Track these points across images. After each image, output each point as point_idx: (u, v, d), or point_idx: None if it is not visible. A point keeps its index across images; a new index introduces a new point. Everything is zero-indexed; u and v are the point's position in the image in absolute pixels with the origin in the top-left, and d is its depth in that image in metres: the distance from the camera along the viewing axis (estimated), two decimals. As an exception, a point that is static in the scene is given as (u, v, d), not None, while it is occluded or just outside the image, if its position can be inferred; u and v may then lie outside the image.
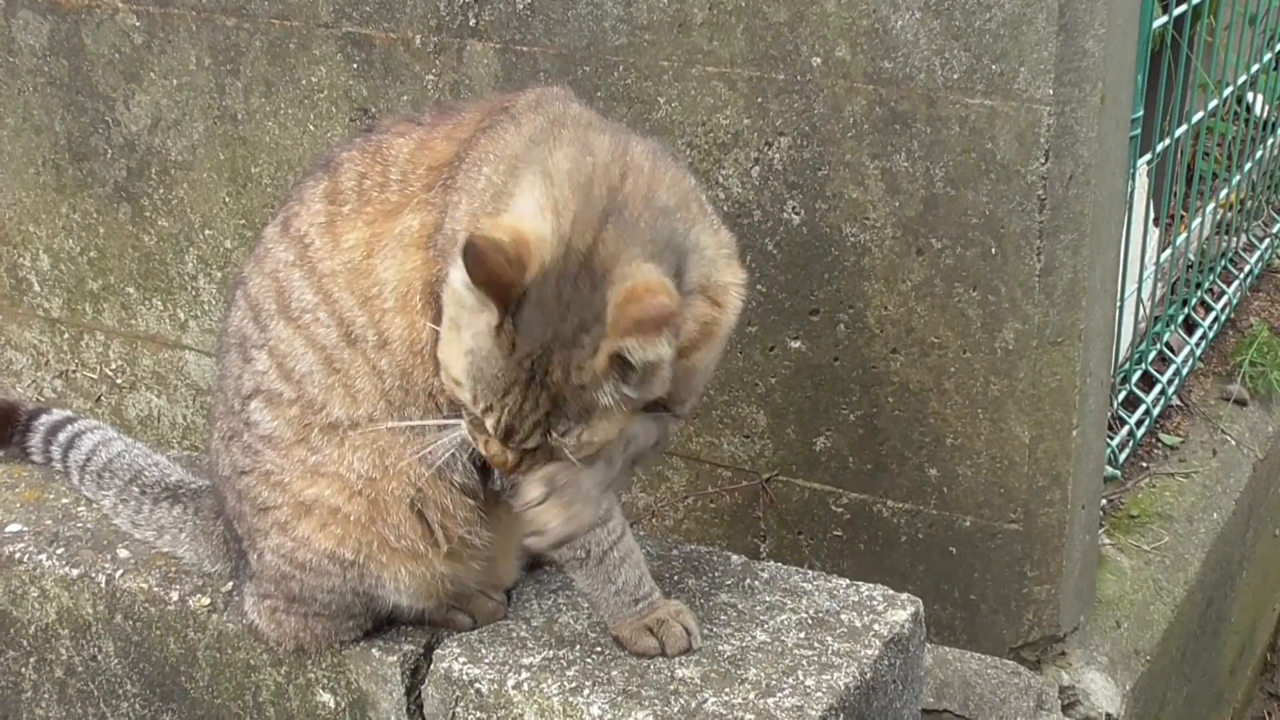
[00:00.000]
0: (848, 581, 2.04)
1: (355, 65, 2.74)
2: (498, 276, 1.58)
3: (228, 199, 2.98)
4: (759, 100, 2.40)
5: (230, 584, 2.12)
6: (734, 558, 2.12)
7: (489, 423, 1.66)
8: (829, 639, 1.92)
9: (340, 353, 1.83)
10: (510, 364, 1.61)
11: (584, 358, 1.60)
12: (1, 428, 2.40)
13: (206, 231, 3.03)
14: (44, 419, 2.41)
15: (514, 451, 1.68)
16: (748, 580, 2.06)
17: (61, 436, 2.37)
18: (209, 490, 2.17)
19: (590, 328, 1.60)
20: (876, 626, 1.94)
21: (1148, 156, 3.06)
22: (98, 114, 3.05)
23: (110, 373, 3.27)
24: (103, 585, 2.17)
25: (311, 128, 2.81)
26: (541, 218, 1.63)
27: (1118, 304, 2.85)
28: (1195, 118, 3.29)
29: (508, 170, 1.74)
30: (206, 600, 2.12)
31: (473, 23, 2.60)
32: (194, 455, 2.49)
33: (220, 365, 2.01)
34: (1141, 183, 3.05)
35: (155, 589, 2.14)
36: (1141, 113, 2.68)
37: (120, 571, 2.17)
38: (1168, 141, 3.11)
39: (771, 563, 2.11)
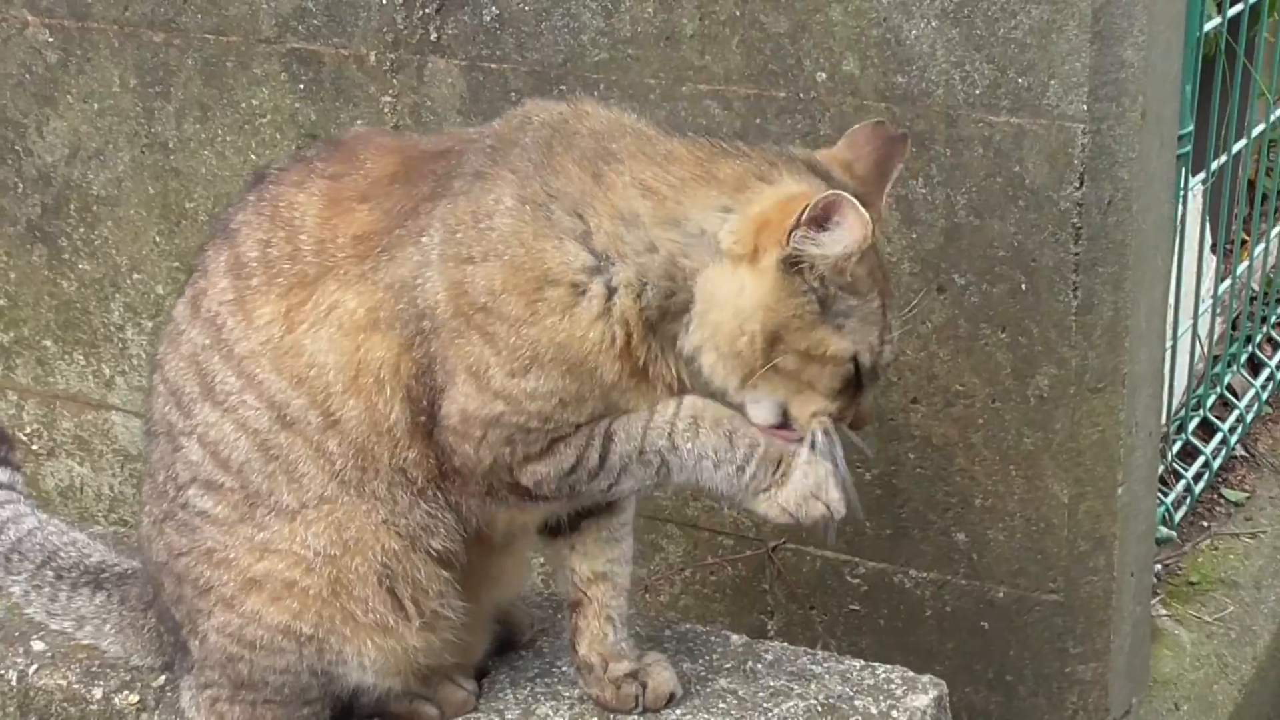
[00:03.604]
0: (862, 663, 2.10)
1: (302, 86, 2.81)
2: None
3: (159, 239, 3.04)
4: (757, 121, 2.47)
5: (162, 678, 2.16)
6: (734, 637, 2.17)
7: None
8: (842, 729, 1.98)
9: (275, 437, 1.91)
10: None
11: None
12: None
13: (135, 275, 3.09)
14: None
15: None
16: (750, 663, 2.11)
17: None
18: (135, 575, 2.22)
19: None
20: (895, 713, 2.00)
21: (1202, 175, 3.13)
22: (6, 142, 3.12)
23: (25, 438, 3.32)
24: (14, 683, 2.20)
25: (253, 156, 2.88)
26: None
27: (1169, 344, 2.92)
28: (1256, 130, 3.36)
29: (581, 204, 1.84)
30: (135, 697, 2.15)
31: (434, 37, 2.68)
32: (121, 531, 2.54)
33: (149, 451, 2.08)
34: (1195, 205, 3.12)
35: (75, 686, 2.17)
36: (1191, 128, 2.75)
37: (35, 667, 2.21)
38: (1224, 159, 3.19)
39: (776, 643, 2.16)
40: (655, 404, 1.87)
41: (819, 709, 2.01)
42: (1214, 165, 3.16)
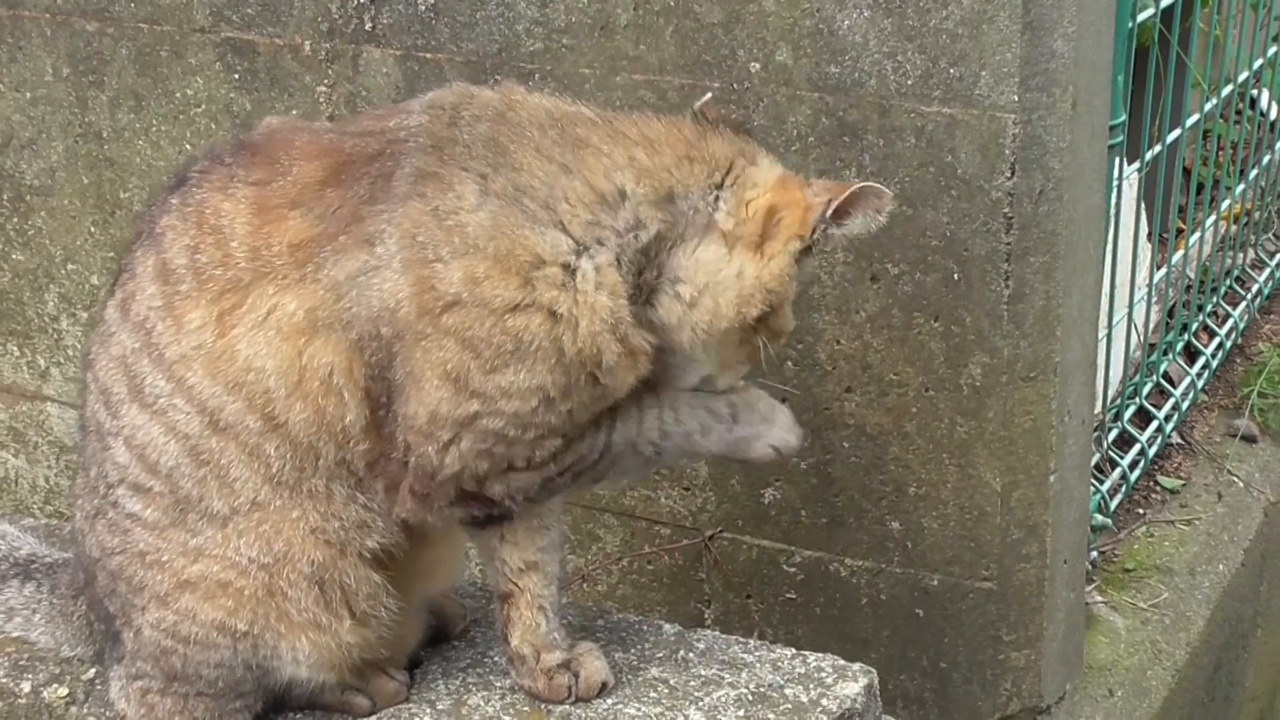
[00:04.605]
0: (793, 651, 2.11)
1: (237, 75, 2.80)
2: None
3: (93, 229, 3.02)
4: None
5: (92, 671, 2.16)
6: (666, 627, 2.18)
7: None
8: (771, 716, 1.98)
9: (207, 442, 1.90)
10: None
11: None
12: None
13: (69, 266, 3.07)
14: None
15: None
16: (681, 652, 2.12)
17: None
18: (65, 564, 2.22)
19: None
20: (825, 701, 2.01)
21: (1137, 165, 3.16)
22: (-58, 133, 3.10)
23: (-40, 429, 3.30)
24: (-58, 677, 2.19)
25: (188, 146, 2.87)
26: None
27: (1105, 332, 2.95)
28: (1190, 120, 3.40)
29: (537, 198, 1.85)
30: (64, 691, 2.15)
31: (369, 27, 2.67)
32: (53, 525, 2.53)
33: (82, 445, 2.07)
34: (1130, 194, 3.15)
35: (3, 680, 2.16)
36: (1125, 118, 2.77)
37: (-38, 662, 2.20)
38: (1158, 148, 3.22)
39: (709, 632, 2.17)
40: (641, 405, 1.96)
41: (750, 697, 2.02)
42: (1149, 155, 3.18)
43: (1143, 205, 3.29)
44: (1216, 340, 3.62)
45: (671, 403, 1.98)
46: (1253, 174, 3.88)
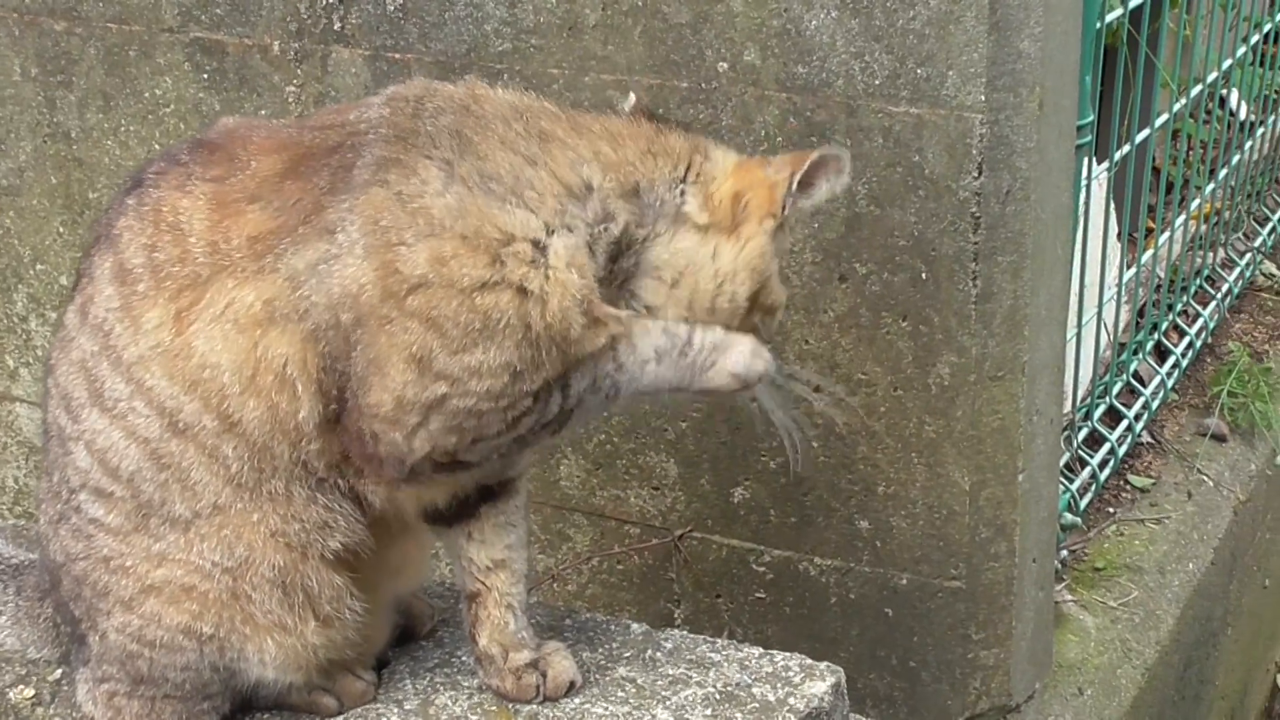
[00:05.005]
0: (760, 651, 2.11)
1: (206, 75, 2.80)
2: None
3: (62, 229, 3.02)
4: (660, 111, 2.48)
5: (59, 671, 2.15)
6: (634, 626, 2.18)
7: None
8: (739, 715, 1.99)
9: (167, 445, 1.90)
10: None
11: None
12: None
13: (38, 266, 3.07)
14: None
15: None
16: (649, 651, 2.13)
17: None
18: (32, 566, 2.21)
19: None
20: (792, 701, 2.01)
21: (1107, 164, 3.18)
22: (-90, 133, 3.09)
23: (-72, 430, 3.29)
24: (-89, 680, 2.19)
25: (157, 146, 2.87)
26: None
27: (1074, 331, 2.96)
28: (1159, 119, 3.41)
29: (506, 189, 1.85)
30: (30, 692, 2.14)
31: (338, 27, 2.67)
32: (21, 525, 2.52)
33: (45, 449, 2.06)
34: (1099, 194, 3.16)
35: (-30, 681, 2.17)
36: (1093, 118, 2.79)
37: (-71, 664, 2.19)
38: (1128, 148, 3.23)
39: (677, 631, 2.17)
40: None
41: (717, 697, 2.03)
42: (1118, 154, 3.20)
43: (1112, 205, 3.31)
44: (1187, 339, 3.64)
45: (627, 331, 1.93)
46: (1222, 173, 3.90)
